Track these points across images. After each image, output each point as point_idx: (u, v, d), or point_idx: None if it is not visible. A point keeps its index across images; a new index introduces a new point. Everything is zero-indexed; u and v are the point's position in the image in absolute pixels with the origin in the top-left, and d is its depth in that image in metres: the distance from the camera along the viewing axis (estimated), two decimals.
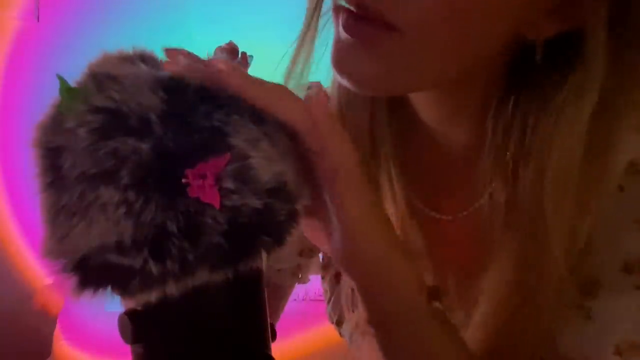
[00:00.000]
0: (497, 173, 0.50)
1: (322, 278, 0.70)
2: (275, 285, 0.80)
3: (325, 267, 0.69)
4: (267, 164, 0.35)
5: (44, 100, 0.36)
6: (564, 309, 0.47)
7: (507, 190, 0.49)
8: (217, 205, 0.33)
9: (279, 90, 0.38)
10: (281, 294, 0.82)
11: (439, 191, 0.57)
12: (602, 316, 0.46)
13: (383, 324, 0.44)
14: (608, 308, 0.46)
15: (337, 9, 0.44)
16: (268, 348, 0.38)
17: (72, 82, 0.35)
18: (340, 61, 0.44)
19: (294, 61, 0.53)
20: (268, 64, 0.56)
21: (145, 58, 0.37)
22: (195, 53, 0.38)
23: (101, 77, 0.34)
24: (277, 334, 0.42)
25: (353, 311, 0.62)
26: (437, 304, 0.44)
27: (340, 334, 0.68)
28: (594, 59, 0.42)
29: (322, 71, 0.53)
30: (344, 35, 0.43)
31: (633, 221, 0.45)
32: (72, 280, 0.33)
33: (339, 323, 0.68)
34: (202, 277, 0.34)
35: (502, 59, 0.47)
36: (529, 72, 0.46)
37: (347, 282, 0.63)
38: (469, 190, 0.54)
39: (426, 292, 0.44)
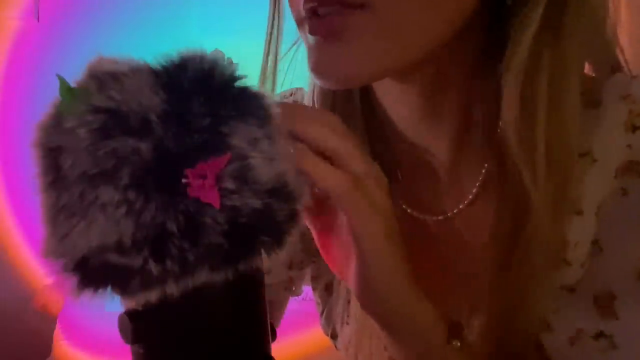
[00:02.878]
0: (488, 157, 0.50)
1: (313, 290, 0.70)
2: (269, 301, 0.76)
3: (315, 278, 0.69)
4: (267, 164, 0.35)
5: (44, 100, 0.36)
6: (587, 341, 0.46)
7: (500, 174, 0.48)
8: (217, 205, 0.33)
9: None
10: (276, 307, 0.79)
11: (425, 192, 0.56)
12: (628, 340, 0.45)
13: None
14: (631, 329, 0.44)
15: (301, 21, 0.44)
16: (268, 348, 0.38)
17: (72, 82, 0.35)
18: (317, 63, 0.44)
19: (265, 62, 0.54)
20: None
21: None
22: None
23: (101, 77, 0.34)
24: (277, 333, 0.42)
25: (348, 323, 0.62)
26: (456, 343, 0.45)
27: (335, 346, 0.68)
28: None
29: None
30: (313, 39, 0.43)
31: (639, 225, 0.44)
32: (72, 280, 0.33)
33: (333, 336, 0.68)
34: (202, 277, 0.34)
35: (475, 27, 0.47)
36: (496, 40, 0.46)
37: (340, 294, 0.63)
38: (458, 187, 0.54)
39: (447, 329, 0.45)
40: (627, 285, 0.44)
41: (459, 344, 0.45)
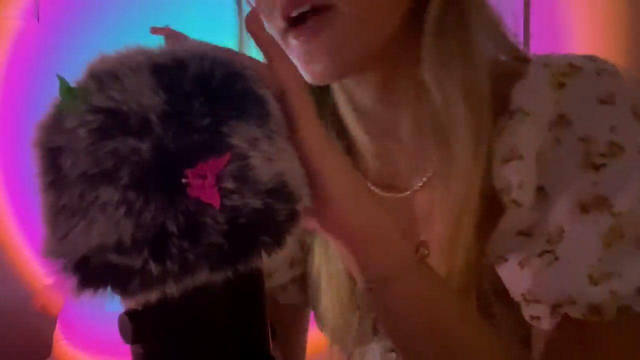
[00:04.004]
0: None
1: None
2: (287, 307, 0.72)
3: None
4: (267, 164, 0.35)
5: (44, 100, 0.36)
6: (533, 260, 0.51)
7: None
8: (217, 205, 0.33)
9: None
10: (299, 315, 0.75)
11: (391, 173, 0.62)
12: (568, 254, 0.50)
13: (382, 289, 0.46)
14: (571, 240, 0.50)
15: (283, 34, 0.52)
16: (268, 348, 0.38)
17: (72, 82, 0.35)
18: (306, 61, 0.52)
19: None
20: None
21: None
22: None
23: (101, 77, 0.34)
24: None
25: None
26: (424, 250, 0.50)
27: (320, 329, 0.70)
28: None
29: None
30: (298, 43, 0.51)
31: (576, 165, 0.50)
32: (72, 280, 0.33)
33: (318, 319, 0.69)
34: (202, 277, 0.34)
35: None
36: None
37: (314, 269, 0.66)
38: (420, 164, 0.59)
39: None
40: (572, 219, 0.50)
41: (427, 252, 0.49)
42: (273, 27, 0.53)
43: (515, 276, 0.53)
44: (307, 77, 0.53)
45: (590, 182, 0.50)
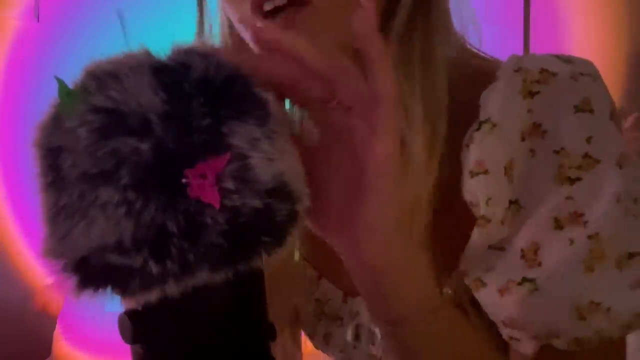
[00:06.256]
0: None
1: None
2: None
3: None
4: (267, 164, 0.35)
5: (44, 100, 0.36)
6: (513, 288, 0.50)
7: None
8: (217, 205, 0.33)
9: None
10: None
11: None
12: (548, 281, 0.49)
13: (403, 322, 0.44)
14: (551, 270, 0.48)
15: (245, 21, 0.50)
16: (268, 348, 0.38)
17: (72, 83, 0.35)
18: None
19: None
20: None
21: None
22: None
23: (101, 77, 0.34)
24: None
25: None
26: (447, 290, 0.47)
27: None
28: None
29: None
30: None
31: (551, 178, 0.49)
32: (72, 280, 0.33)
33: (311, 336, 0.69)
34: (202, 277, 0.34)
35: None
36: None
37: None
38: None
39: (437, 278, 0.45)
40: (547, 235, 0.49)
41: (449, 291, 0.47)
42: (235, 11, 0.51)
43: (495, 303, 0.51)
44: None
45: (564, 197, 0.49)
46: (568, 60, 0.52)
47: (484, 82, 0.52)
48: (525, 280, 0.49)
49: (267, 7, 0.48)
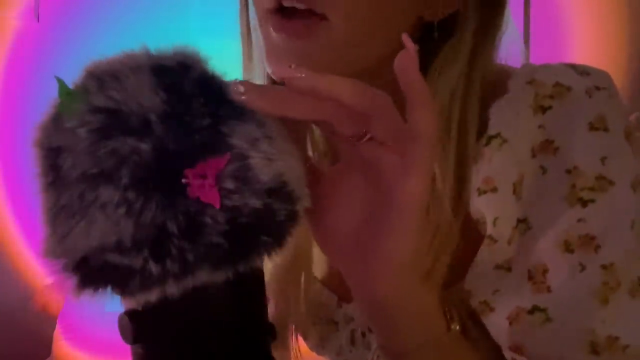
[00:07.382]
0: None
1: None
2: None
3: None
4: (267, 164, 0.35)
5: (43, 100, 0.36)
6: (523, 317, 0.48)
7: None
8: (217, 205, 0.33)
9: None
10: None
11: None
12: (561, 312, 0.47)
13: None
14: (563, 300, 0.47)
15: (265, 16, 0.49)
16: (268, 348, 0.38)
17: (72, 83, 0.35)
18: (278, 56, 0.49)
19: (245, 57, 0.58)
20: None
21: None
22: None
23: (101, 77, 0.34)
24: None
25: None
26: (455, 326, 0.45)
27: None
28: (466, 30, 0.51)
29: None
30: (276, 35, 0.48)
31: (562, 198, 0.47)
32: (72, 280, 0.33)
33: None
34: (202, 277, 0.34)
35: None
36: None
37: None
38: None
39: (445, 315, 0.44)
40: (556, 258, 0.47)
41: (457, 327, 0.45)
42: (257, 3, 0.50)
43: (503, 330, 0.49)
44: (270, 70, 0.50)
45: (576, 219, 0.47)
46: (584, 71, 0.50)
47: (493, 92, 0.51)
48: (536, 309, 0.47)
49: (286, 3, 0.47)
